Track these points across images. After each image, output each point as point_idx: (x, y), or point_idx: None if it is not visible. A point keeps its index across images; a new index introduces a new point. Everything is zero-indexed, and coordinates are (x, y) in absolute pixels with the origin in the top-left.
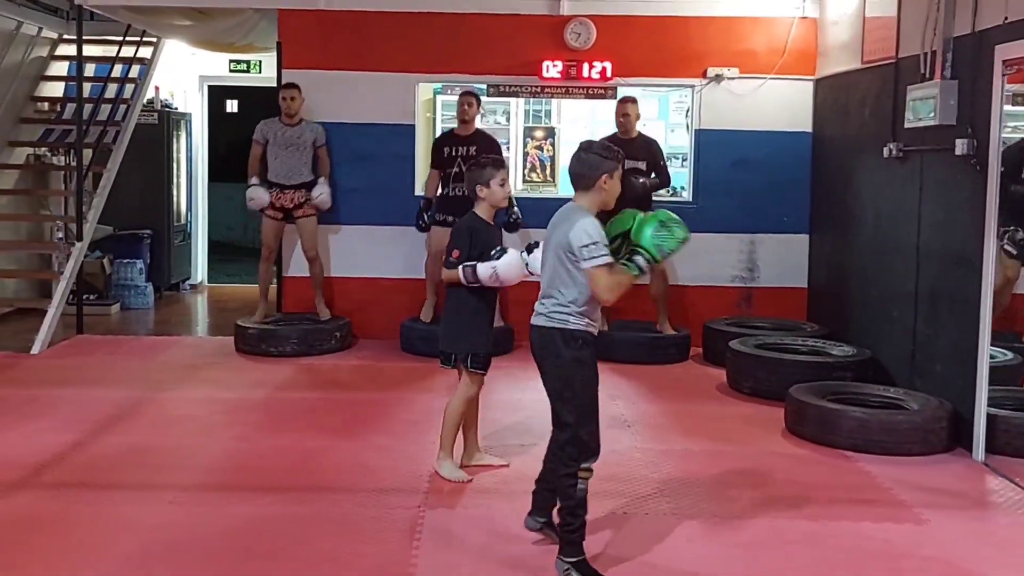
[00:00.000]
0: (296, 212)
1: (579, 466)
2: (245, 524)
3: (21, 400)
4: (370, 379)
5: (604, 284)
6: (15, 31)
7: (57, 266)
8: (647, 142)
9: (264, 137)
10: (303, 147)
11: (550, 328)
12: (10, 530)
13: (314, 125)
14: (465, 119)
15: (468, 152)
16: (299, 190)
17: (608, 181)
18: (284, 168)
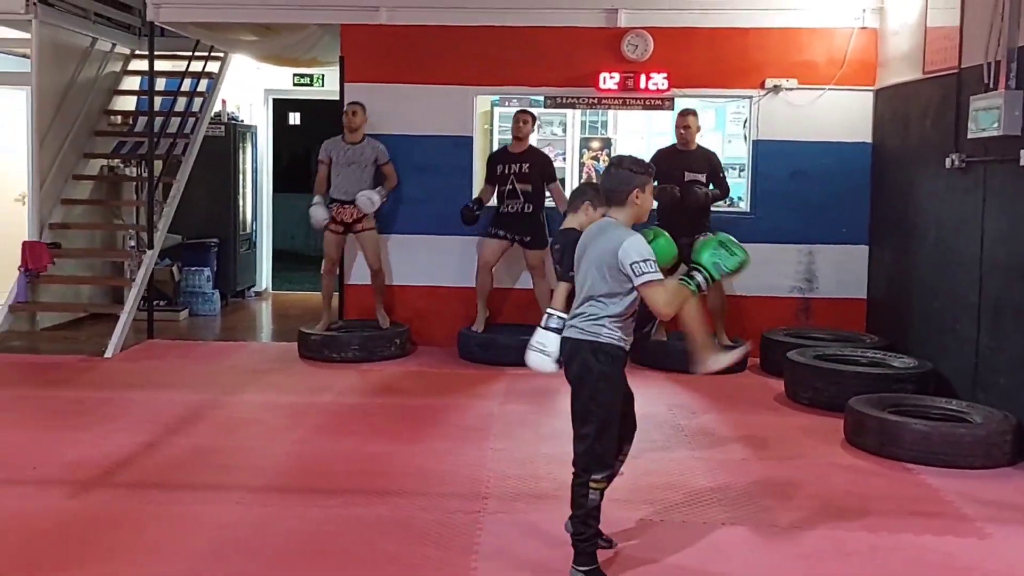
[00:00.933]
0: (356, 226)
1: (591, 477)
2: (310, 525)
3: (96, 402)
4: (429, 385)
5: (662, 299)
6: (90, 47)
7: (129, 273)
8: (706, 154)
9: (328, 156)
10: (364, 165)
11: (581, 340)
12: (87, 527)
13: (375, 143)
14: (519, 136)
15: (521, 169)
16: None
17: (640, 195)
18: (345, 184)
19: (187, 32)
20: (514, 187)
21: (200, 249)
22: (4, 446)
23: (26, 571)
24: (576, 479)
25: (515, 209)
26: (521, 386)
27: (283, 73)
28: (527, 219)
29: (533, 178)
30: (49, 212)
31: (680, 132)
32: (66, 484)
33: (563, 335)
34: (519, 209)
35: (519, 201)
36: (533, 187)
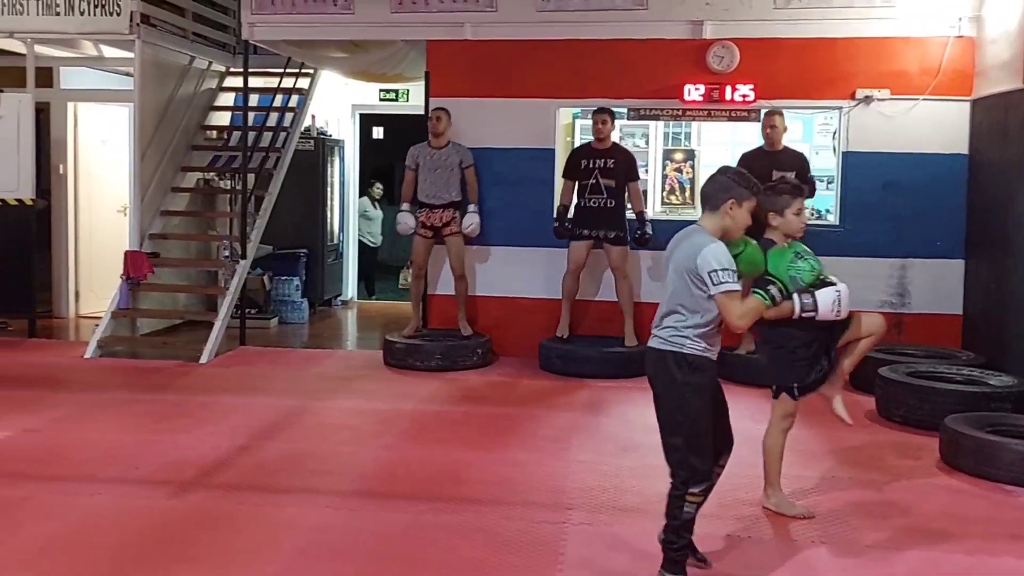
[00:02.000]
0: (444, 231)
1: (688, 490)
2: (397, 530)
3: (193, 406)
4: (510, 395)
5: (735, 311)
6: (188, 66)
7: (223, 282)
8: (794, 154)
9: (415, 162)
10: (449, 168)
11: (664, 351)
12: (185, 526)
13: (460, 147)
14: (600, 136)
15: (606, 164)
16: (446, 209)
17: (735, 207)
18: (432, 189)
19: (279, 50)
20: (598, 181)
21: (290, 259)
22: (109, 446)
23: (130, 566)
24: (674, 490)
25: (597, 204)
26: (602, 398)
27: (370, 88)
28: (610, 214)
29: (617, 174)
30: (149, 223)
31: (766, 132)
32: (166, 484)
33: (648, 345)
34: (602, 204)
35: (602, 196)
36: (617, 183)
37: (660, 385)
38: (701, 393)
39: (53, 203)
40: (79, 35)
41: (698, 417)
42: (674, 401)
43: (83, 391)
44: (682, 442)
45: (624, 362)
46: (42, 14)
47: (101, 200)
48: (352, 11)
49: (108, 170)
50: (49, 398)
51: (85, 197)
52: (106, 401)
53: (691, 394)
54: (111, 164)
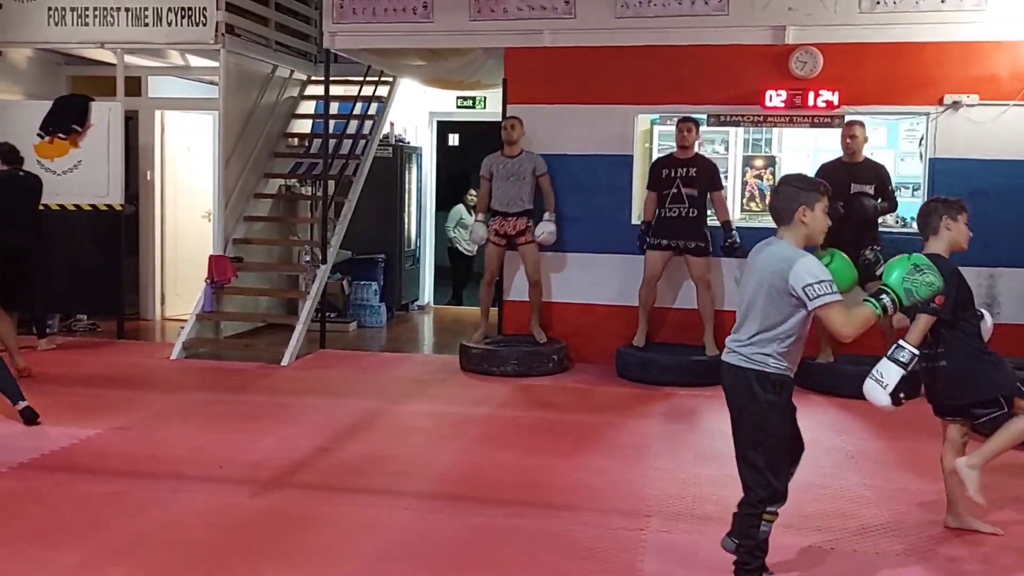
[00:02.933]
0: (518, 239)
1: (765, 508)
2: (474, 534)
3: (275, 407)
4: (587, 402)
5: (840, 320)
6: (271, 74)
7: (304, 286)
8: (874, 166)
9: (489, 172)
10: (523, 177)
11: (746, 369)
12: (268, 524)
13: (533, 155)
14: (684, 145)
15: (688, 173)
16: (520, 217)
17: (807, 213)
18: (506, 197)
19: (359, 58)
20: (679, 191)
21: (368, 264)
22: (195, 445)
23: (217, 562)
24: (748, 508)
25: (678, 213)
26: (681, 406)
27: (447, 96)
28: (691, 224)
29: (699, 183)
30: (233, 228)
31: (846, 143)
32: (249, 483)
33: (724, 360)
34: (683, 213)
35: (684, 205)
36: (699, 192)
37: (740, 404)
38: (783, 412)
39: (141, 208)
40: (166, 45)
41: (780, 436)
42: (756, 421)
43: (169, 391)
44: (763, 461)
45: (704, 371)
46: (131, 25)
47: (186, 206)
48: (431, 20)
49: (193, 177)
50: (137, 398)
51: (171, 203)
52: (191, 402)
53: (774, 414)
54: (196, 171)
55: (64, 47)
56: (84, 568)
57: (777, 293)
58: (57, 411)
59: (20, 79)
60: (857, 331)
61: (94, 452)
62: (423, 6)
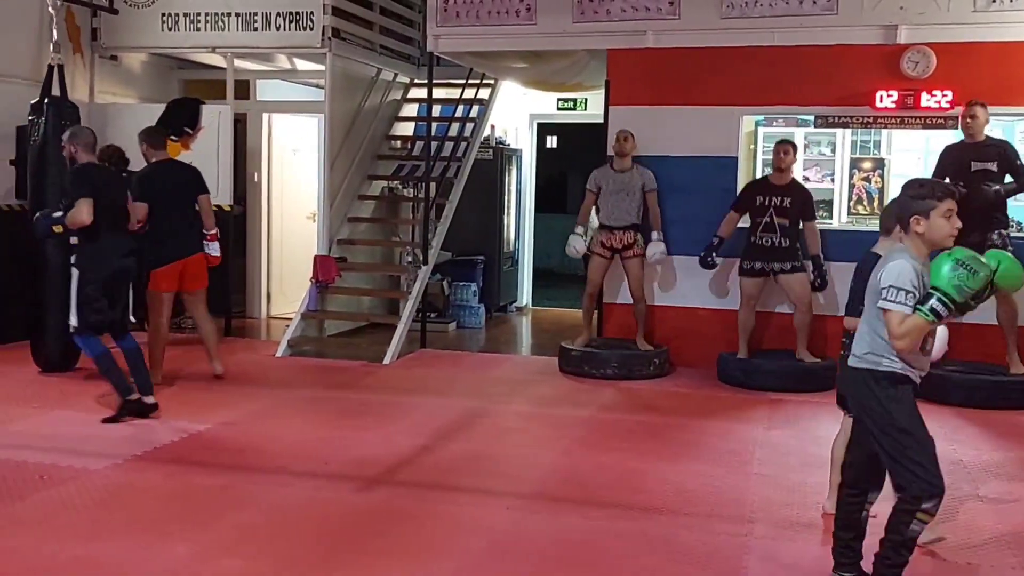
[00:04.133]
0: (624, 253)
1: (920, 506)
2: (575, 535)
3: (377, 405)
4: (688, 406)
5: (894, 329)
6: (375, 77)
7: (405, 286)
8: (997, 144)
9: (597, 185)
10: (632, 192)
11: (861, 369)
12: (372, 520)
13: (644, 171)
14: (781, 167)
15: (782, 203)
16: (627, 231)
17: (921, 222)
18: (614, 212)
19: (462, 61)
20: (772, 220)
21: (468, 265)
22: (300, 441)
23: (322, 556)
24: (905, 505)
25: (770, 243)
26: (784, 413)
27: (548, 98)
28: (783, 252)
29: (792, 213)
30: (337, 229)
31: (966, 123)
32: (354, 479)
33: (845, 362)
34: (774, 243)
35: (775, 235)
36: (791, 222)
37: (862, 404)
38: (904, 403)
39: (248, 209)
40: (275, 49)
41: (914, 426)
42: (883, 418)
43: (275, 388)
44: (913, 454)
45: (808, 376)
46: (241, 30)
47: (292, 207)
48: (534, 22)
49: (298, 178)
50: (244, 394)
51: (277, 204)
52: (296, 398)
53: (896, 406)
54: (301, 173)
55: (177, 52)
56: (197, 558)
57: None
58: (168, 406)
59: (135, 83)
60: (909, 343)
61: (204, 446)
62: (526, 8)
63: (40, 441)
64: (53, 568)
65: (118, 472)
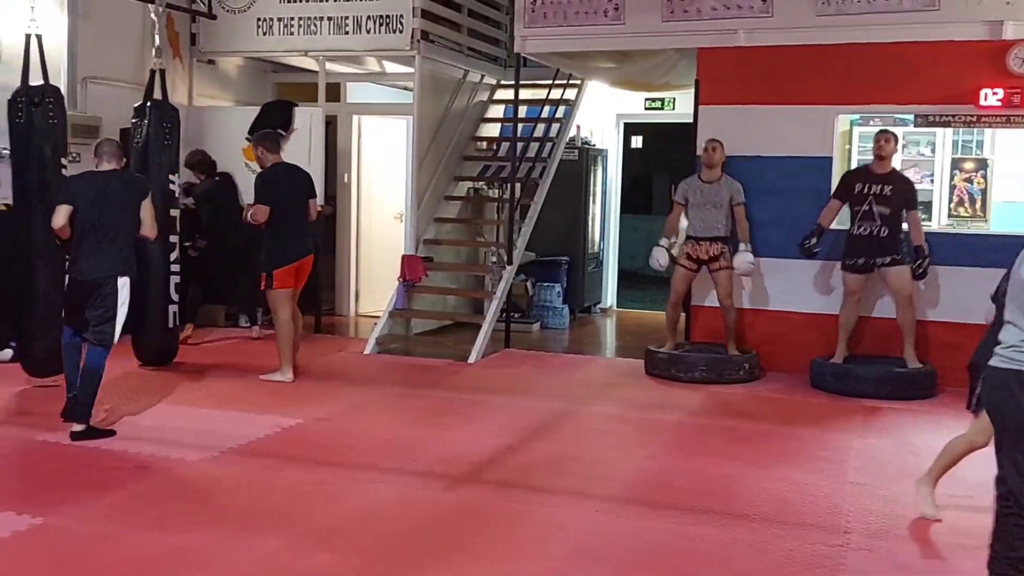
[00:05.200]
0: (711, 264)
1: None
2: (665, 539)
3: (463, 403)
4: (779, 412)
5: None
6: (462, 79)
7: (490, 286)
8: None
9: (684, 197)
10: (720, 204)
11: (1004, 370)
12: (461, 519)
13: (732, 183)
14: (882, 155)
15: (882, 191)
16: (715, 243)
17: None
18: (702, 223)
19: (549, 62)
20: (871, 209)
21: (552, 266)
22: (389, 438)
23: (411, 552)
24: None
25: (869, 232)
26: (881, 420)
27: (635, 97)
28: (882, 243)
29: (894, 202)
30: (424, 229)
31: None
32: (442, 477)
33: (989, 364)
34: (874, 232)
35: (875, 224)
36: (892, 211)
37: (999, 408)
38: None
39: (338, 210)
40: (365, 52)
41: None
42: (1018, 422)
43: (364, 385)
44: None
45: (906, 383)
46: (333, 33)
47: (380, 207)
48: (623, 21)
49: (386, 179)
50: (334, 390)
51: (366, 204)
52: (385, 395)
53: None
54: (389, 174)
55: (271, 56)
56: (289, 551)
57: None
58: (262, 400)
59: (230, 86)
60: None
61: (296, 440)
62: (614, 8)
63: (141, 432)
64: (151, 556)
65: (214, 464)
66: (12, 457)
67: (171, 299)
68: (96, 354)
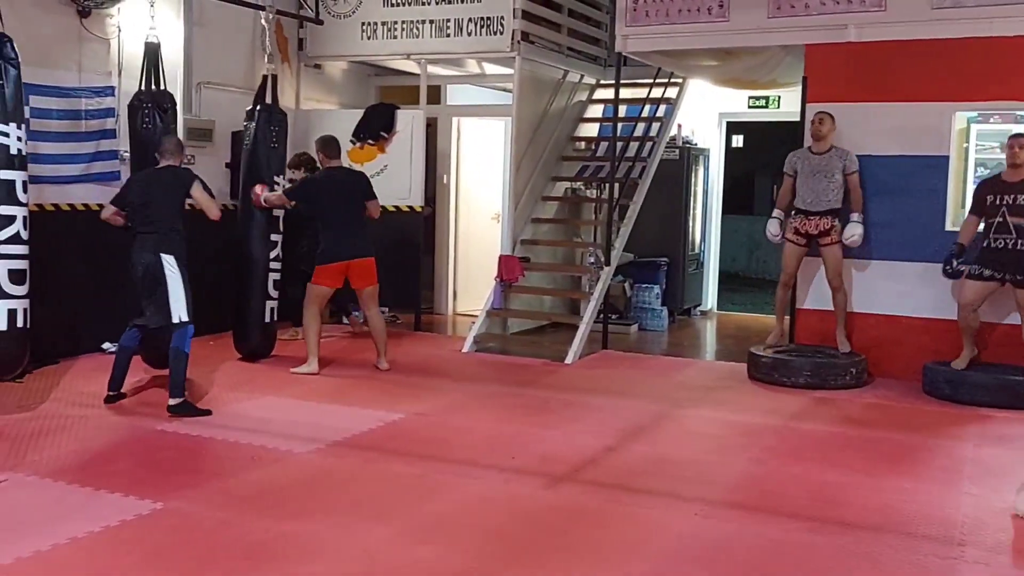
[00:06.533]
0: (821, 240)
1: None
2: (769, 546)
3: (560, 403)
4: (889, 419)
5: None
6: (561, 79)
7: (587, 287)
8: None
9: (793, 168)
10: (830, 174)
11: None
12: (559, 518)
13: (843, 151)
14: (1016, 163)
15: (1015, 201)
16: (824, 217)
17: None
18: (810, 195)
19: (651, 60)
20: (1005, 220)
21: (651, 267)
22: (488, 435)
23: (510, 549)
24: None
25: (1003, 245)
26: (998, 429)
27: (738, 96)
28: (1018, 256)
29: None
30: (521, 229)
31: None
32: (540, 475)
33: None
34: (1009, 245)
35: (1010, 236)
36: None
37: None
38: None
39: (436, 210)
40: (466, 54)
41: None
42: None
43: (462, 382)
44: None
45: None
46: (435, 36)
47: (477, 208)
48: (727, 19)
49: (483, 180)
50: (433, 386)
51: (464, 205)
52: (482, 393)
53: None
54: (486, 174)
55: (374, 59)
56: (394, 542)
57: None
58: (365, 395)
59: (335, 90)
60: None
61: (399, 435)
62: (718, 5)
63: (252, 424)
64: (264, 542)
65: (321, 456)
66: (133, 445)
67: (269, 295)
68: (176, 337)
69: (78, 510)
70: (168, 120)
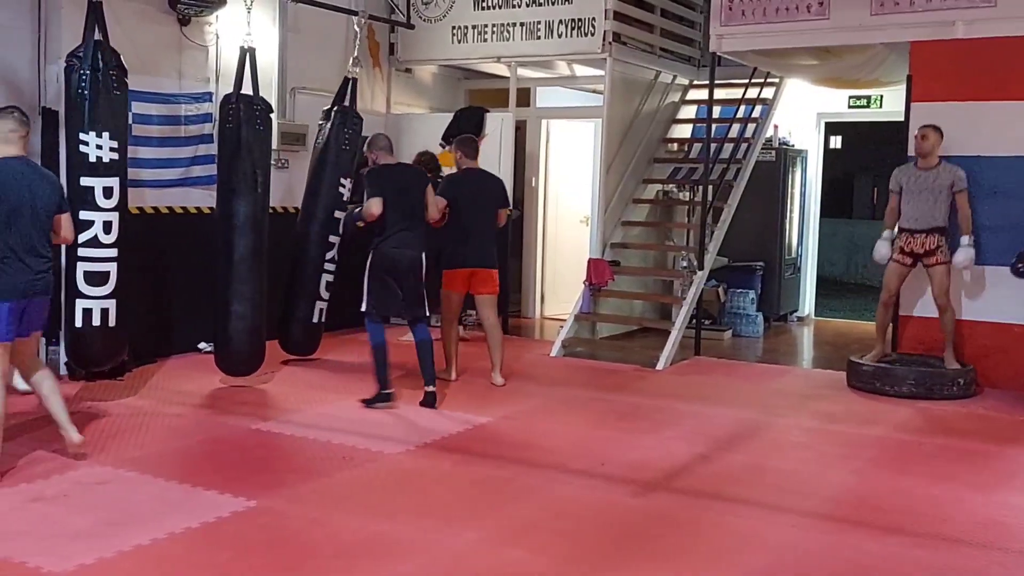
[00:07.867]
0: (927, 259)
1: None
2: (869, 560)
3: (650, 409)
4: (998, 432)
5: None
6: (654, 80)
7: (679, 292)
8: None
9: (898, 185)
10: (938, 192)
11: None
12: (649, 525)
13: (953, 168)
14: None
15: None
16: (930, 235)
17: None
18: (916, 213)
19: (746, 60)
20: None
21: (746, 272)
22: (576, 439)
23: (600, 557)
24: None
25: None
26: None
27: (837, 95)
28: None
29: None
30: (611, 233)
31: None
32: (630, 483)
33: None
34: None
35: None
36: None
37: None
38: None
39: (525, 213)
40: (556, 57)
41: None
42: None
43: (550, 386)
44: None
45: None
46: (525, 39)
47: (566, 211)
48: (827, 17)
49: (572, 183)
50: (521, 390)
51: (552, 207)
52: (571, 397)
53: None
54: (575, 177)
55: (465, 63)
56: (482, 545)
57: None
58: (453, 398)
59: (425, 93)
60: None
61: (487, 438)
62: (818, 3)
63: (344, 425)
64: (356, 541)
65: (411, 457)
66: (228, 444)
67: (320, 296)
68: (421, 329)
69: (176, 506)
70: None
